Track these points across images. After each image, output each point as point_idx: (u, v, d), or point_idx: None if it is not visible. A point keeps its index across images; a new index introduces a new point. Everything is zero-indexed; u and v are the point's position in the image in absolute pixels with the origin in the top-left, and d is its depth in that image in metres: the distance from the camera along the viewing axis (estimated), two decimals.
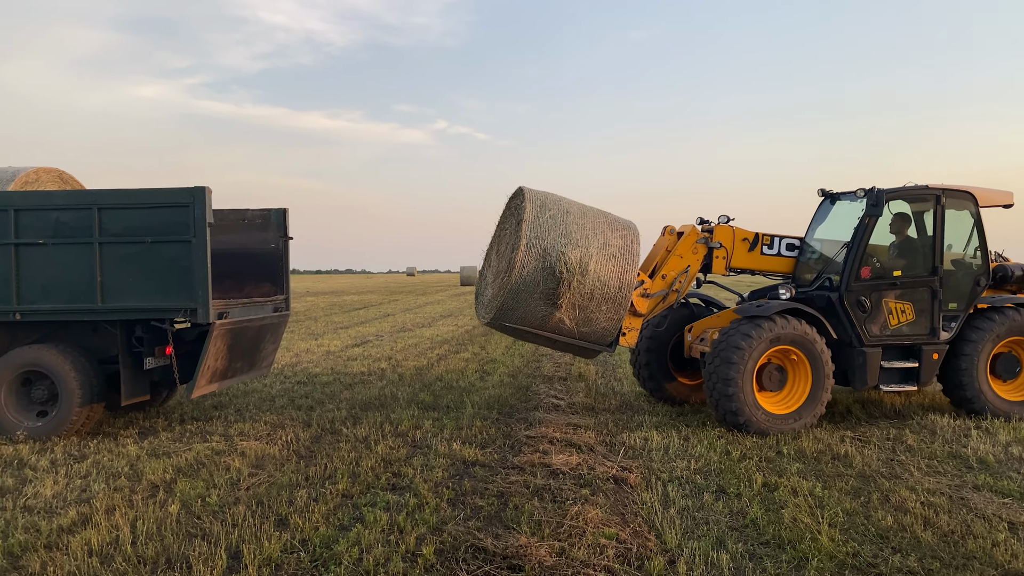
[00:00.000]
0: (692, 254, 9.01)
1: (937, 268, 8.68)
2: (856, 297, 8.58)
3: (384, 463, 7.03)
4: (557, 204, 8.05)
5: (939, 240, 8.69)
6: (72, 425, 8.17)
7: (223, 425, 8.81)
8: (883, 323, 8.64)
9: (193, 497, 5.99)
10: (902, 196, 8.77)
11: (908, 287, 8.69)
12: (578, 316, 7.88)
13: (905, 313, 8.68)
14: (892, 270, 8.74)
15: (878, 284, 8.64)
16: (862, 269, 8.59)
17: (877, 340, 8.64)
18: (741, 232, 9.19)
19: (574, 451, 7.42)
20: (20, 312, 8.18)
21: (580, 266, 7.66)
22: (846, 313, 8.59)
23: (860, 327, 8.59)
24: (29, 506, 5.83)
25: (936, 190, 8.72)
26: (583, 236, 7.84)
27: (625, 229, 8.15)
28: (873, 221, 8.59)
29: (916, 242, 8.94)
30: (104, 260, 8.09)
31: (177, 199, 8.01)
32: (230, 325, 8.51)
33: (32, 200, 8.19)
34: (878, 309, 8.62)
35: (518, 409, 9.60)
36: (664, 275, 8.94)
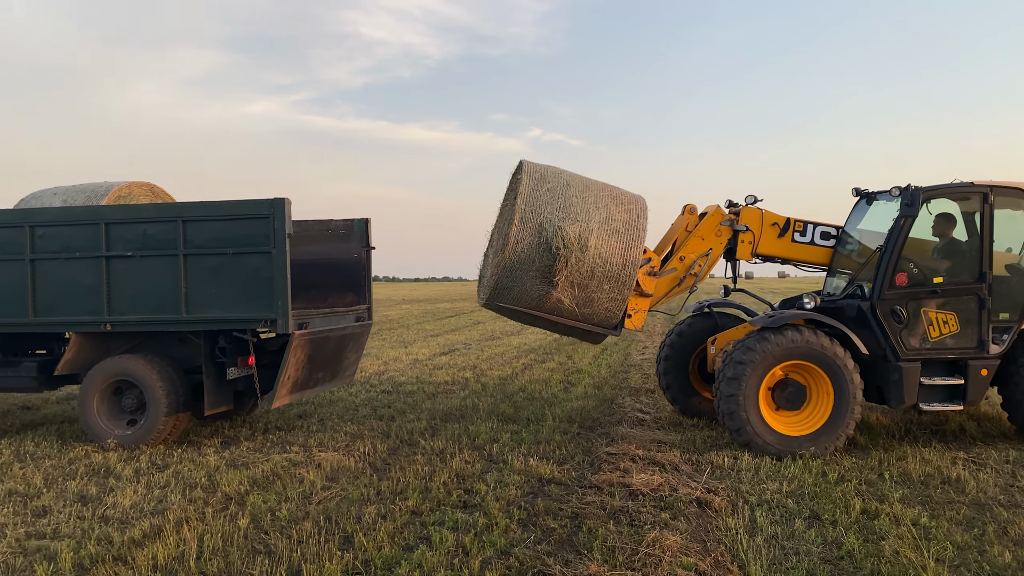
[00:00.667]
0: (715, 236, 8.42)
1: (985, 274, 7.75)
2: (890, 306, 7.77)
3: (457, 478, 6.84)
4: (557, 177, 7.68)
5: (987, 243, 7.77)
6: (159, 434, 8.32)
7: (304, 435, 8.83)
8: (922, 335, 7.80)
9: (264, 511, 5.93)
10: (942, 194, 7.89)
11: (951, 295, 7.82)
12: (578, 296, 7.48)
13: (948, 324, 7.80)
14: (932, 276, 7.90)
15: (916, 292, 7.81)
16: (897, 275, 7.79)
17: (915, 354, 7.80)
18: (771, 216, 8.51)
19: (656, 470, 7.04)
20: (111, 323, 8.40)
21: (579, 242, 7.27)
22: (879, 324, 7.78)
23: (895, 339, 7.78)
24: (106, 516, 5.89)
25: (983, 187, 7.78)
26: (583, 210, 7.44)
27: (631, 203, 7.67)
28: (909, 223, 7.74)
29: (961, 245, 8.07)
30: (188, 271, 8.21)
31: (257, 211, 8.06)
32: (310, 335, 8.52)
33: (121, 213, 8.40)
34: (916, 320, 7.79)
35: (600, 423, 9.27)
36: (682, 257, 8.35)
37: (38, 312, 8.52)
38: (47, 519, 5.87)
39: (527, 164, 7.73)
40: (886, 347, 7.81)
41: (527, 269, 7.37)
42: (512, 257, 7.37)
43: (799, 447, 7.46)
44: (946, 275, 7.90)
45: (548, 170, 7.76)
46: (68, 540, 5.33)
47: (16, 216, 8.57)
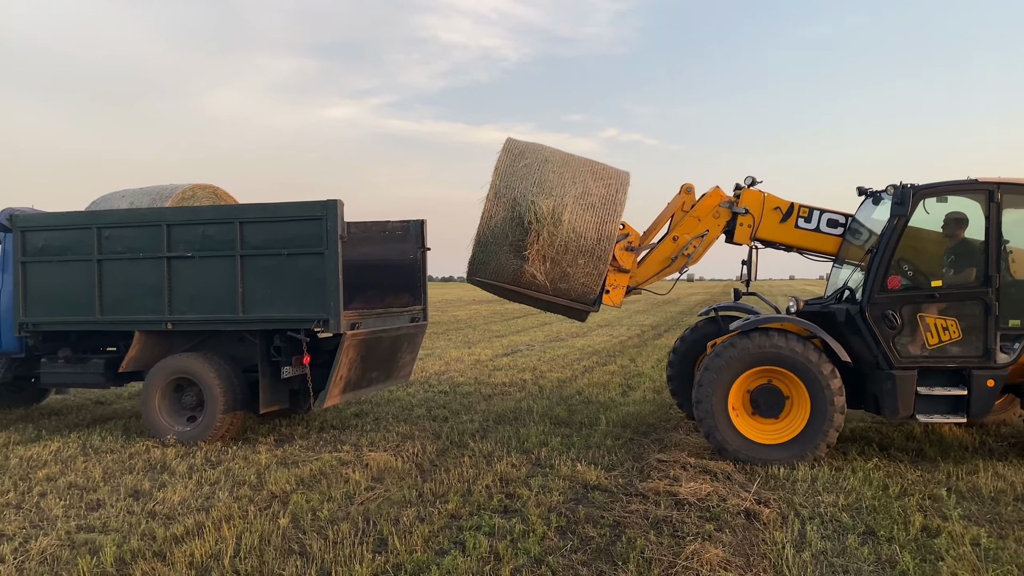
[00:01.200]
0: (713, 218, 8.06)
1: (991, 277, 7.18)
2: (881, 311, 7.32)
3: (501, 482, 6.76)
4: (536, 153, 7.68)
5: (993, 244, 7.18)
6: (217, 431, 8.50)
7: (356, 434, 8.89)
8: (919, 342, 7.32)
9: (305, 511, 5.97)
10: (939, 193, 7.35)
11: (951, 300, 7.31)
12: (552, 270, 7.48)
13: (948, 331, 7.27)
14: (929, 280, 7.42)
15: (911, 296, 7.34)
16: (889, 278, 7.34)
17: (911, 362, 7.32)
18: (774, 199, 8.09)
19: (707, 479, 6.82)
20: (171, 322, 8.63)
21: (552, 216, 7.26)
22: (869, 329, 7.35)
23: (888, 346, 7.32)
24: (154, 511, 6.03)
25: (988, 184, 7.21)
26: (559, 185, 7.43)
27: (611, 178, 7.57)
28: (901, 223, 7.29)
29: (970, 247, 7.50)
30: (245, 272, 8.37)
31: (311, 212, 8.16)
32: (363, 335, 8.58)
33: (182, 215, 8.62)
34: (912, 325, 7.31)
35: (656, 428, 9.06)
36: (676, 237, 8.04)
37: (104, 311, 8.82)
38: (99, 513, 6.04)
39: (509, 141, 7.78)
40: (878, 354, 7.38)
41: (501, 243, 7.42)
42: (486, 231, 7.46)
43: (769, 456, 7.25)
44: (948, 278, 7.44)
45: (529, 147, 7.79)
46: (114, 534, 5.46)
47: (84, 218, 8.90)
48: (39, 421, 10.01)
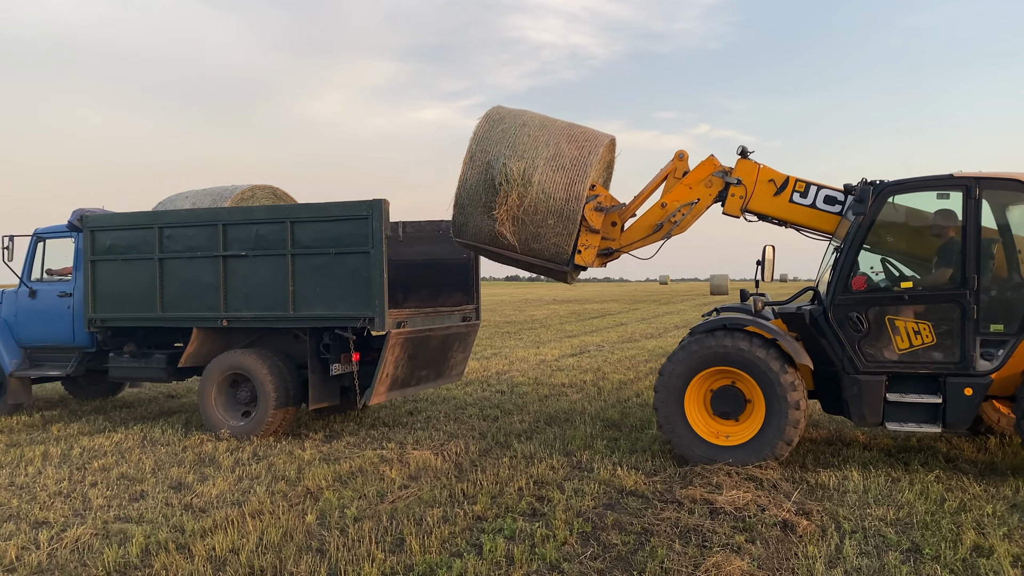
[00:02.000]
0: (705, 187, 7.82)
1: (969, 279, 6.68)
2: (845, 313, 6.98)
3: (536, 484, 6.65)
4: (516, 118, 7.91)
5: (972, 243, 6.69)
6: (269, 426, 8.67)
7: (404, 432, 8.93)
8: (888, 346, 6.92)
9: (335, 507, 6.01)
10: (910, 189, 6.95)
11: (924, 302, 6.90)
12: (524, 231, 7.72)
13: (921, 335, 6.83)
14: (899, 281, 7.06)
15: (878, 298, 6.99)
16: (853, 279, 6.99)
17: (879, 367, 6.93)
18: (769, 171, 7.72)
19: (751, 487, 6.54)
20: (227, 319, 8.85)
21: (523, 177, 7.49)
22: (833, 332, 7.03)
23: (853, 350, 6.97)
24: (191, 504, 6.17)
25: (965, 179, 6.73)
26: (532, 147, 7.64)
27: (586, 141, 7.71)
28: (863, 221, 6.91)
29: (944, 246, 7.05)
30: (296, 270, 8.52)
31: (357, 212, 8.24)
32: (409, 334, 8.61)
33: (237, 215, 8.84)
34: (880, 329, 6.92)
35: None
36: (664, 203, 7.86)
37: (165, 308, 9.13)
38: (139, 504, 6.22)
39: (492, 109, 8.09)
40: (843, 358, 7.04)
41: (476, 205, 7.69)
42: (462, 194, 7.80)
43: (735, 458, 7.05)
44: (921, 279, 7.11)
45: (510, 113, 8.01)
46: (147, 526, 5.61)
47: (147, 218, 9.23)
48: (110, 413, 10.45)
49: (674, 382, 7.26)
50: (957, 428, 6.94)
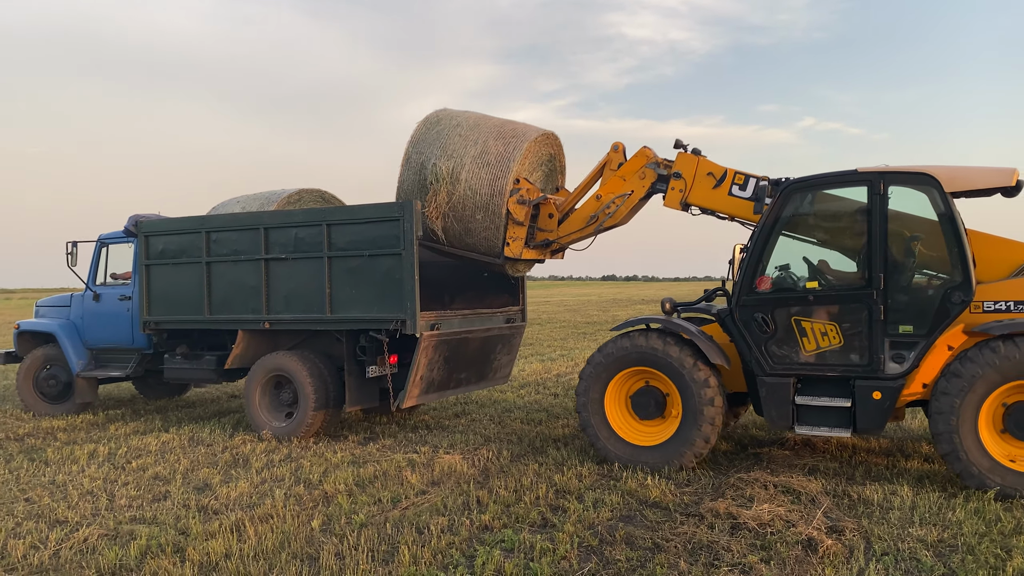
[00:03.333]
0: (638, 179, 7.91)
1: (874, 278, 6.45)
2: (751, 313, 6.90)
3: (556, 493, 6.41)
4: (450, 119, 8.39)
5: (878, 240, 6.48)
6: (309, 427, 8.71)
7: (442, 435, 8.83)
8: (795, 348, 6.80)
9: (344, 513, 5.93)
10: (814, 186, 6.80)
11: (829, 303, 6.75)
12: (456, 226, 8.23)
13: (828, 336, 6.67)
14: (804, 280, 6.92)
15: (783, 298, 6.88)
16: (758, 280, 6.89)
17: (786, 369, 6.83)
18: (708, 164, 7.65)
19: (785, 501, 6.12)
20: (269, 321, 8.95)
21: (451, 176, 8.00)
22: (740, 333, 6.99)
23: (759, 351, 6.89)
24: (206, 506, 6.21)
25: (869, 175, 6.53)
26: (462, 147, 8.10)
27: (513, 137, 8.09)
28: (769, 220, 6.82)
29: (850, 245, 6.95)
30: (332, 273, 8.53)
31: (389, 213, 8.18)
32: (445, 336, 8.50)
33: (277, 218, 8.92)
34: (787, 330, 6.80)
35: (761, 442, 8.33)
36: (599, 196, 8.00)
37: (212, 311, 9.30)
38: (158, 504, 6.31)
39: (433, 112, 8.63)
40: (751, 359, 6.98)
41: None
42: (400, 195, 8.43)
43: (642, 458, 7.10)
44: (826, 279, 6.97)
45: (446, 114, 8.48)
46: (155, 527, 5.67)
47: (195, 223, 9.43)
48: (170, 413, 10.76)
49: (594, 384, 7.32)
50: (870, 433, 6.93)
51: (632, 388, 7.37)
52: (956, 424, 6.16)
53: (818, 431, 6.73)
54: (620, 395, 7.38)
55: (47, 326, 10.82)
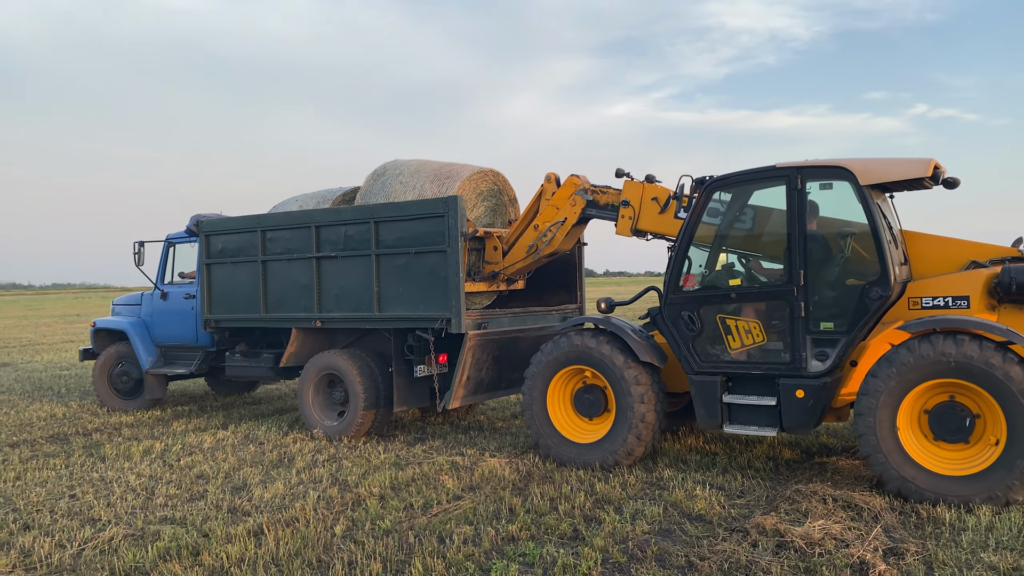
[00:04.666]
0: (570, 206, 8.02)
1: (795, 275, 6.40)
2: (678, 311, 6.92)
3: (596, 502, 6.08)
4: (395, 169, 9.03)
5: (797, 236, 6.42)
6: (359, 427, 8.63)
7: (494, 437, 8.60)
8: (720, 346, 6.80)
9: (371, 518, 5.76)
10: (733, 183, 6.78)
11: (751, 300, 6.72)
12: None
13: (752, 334, 6.65)
14: (727, 278, 6.95)
15: (707, 296, 6.86)
16: (684, 278, 6.94)
17: (714, 367, 6.82)
18: (653, 189, 7.61)
19: (844, 517, 5.60)
20: (320, 320, 8.91)
21: None
22: (669, 332, 7.02)
23: (688, 350, 6.91)
24: (237, 507, 6.16)
25: (787, 169, 6.51)
26: (402, 193, 8.76)
27: (447, 178, 8.59)
28: (692, 218, 6.88)
29: (771, 241, 6.93)
30: (380, 271, 8.41)
31: (434, 210, 8.01)
32: (493, 335, 8.26)
33: (327, 217, 8.86)
34: (713, 328, 6.80)
35: (831, 450, 7.76)
36: (536, 225, 8.18)
37: (268, 309, 9.34)
38: (192, 504, 6.29)
39: (380, 165, 9.34)
40: (681, 357, 6.97)
41: None
42: None
43: (580, 457, 7.12)
44: (748, 276, 6.98)
45: (392, 164, 9.18)
46: (179, 528, 5.63)
47: (252, 221, 9.49)
48: (233, 410, 10.91)
49: (537, 382, 7.37)
50: (796, 432, 6.94)
51: (576, 386, 7.40)
52: (874, 425, 5.97)
53: (747, 430, 6.71)
54: (564, 394, 7.43)
55: (119, 324, 11.13)
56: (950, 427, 5.93)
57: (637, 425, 6.90)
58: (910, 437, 6.03)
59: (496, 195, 9.21)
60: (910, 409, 6.03)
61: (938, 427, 5.97)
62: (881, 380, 5.99)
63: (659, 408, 7.06)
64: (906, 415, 6.02)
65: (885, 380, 5.97)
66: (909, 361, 5.90)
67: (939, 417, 5.96)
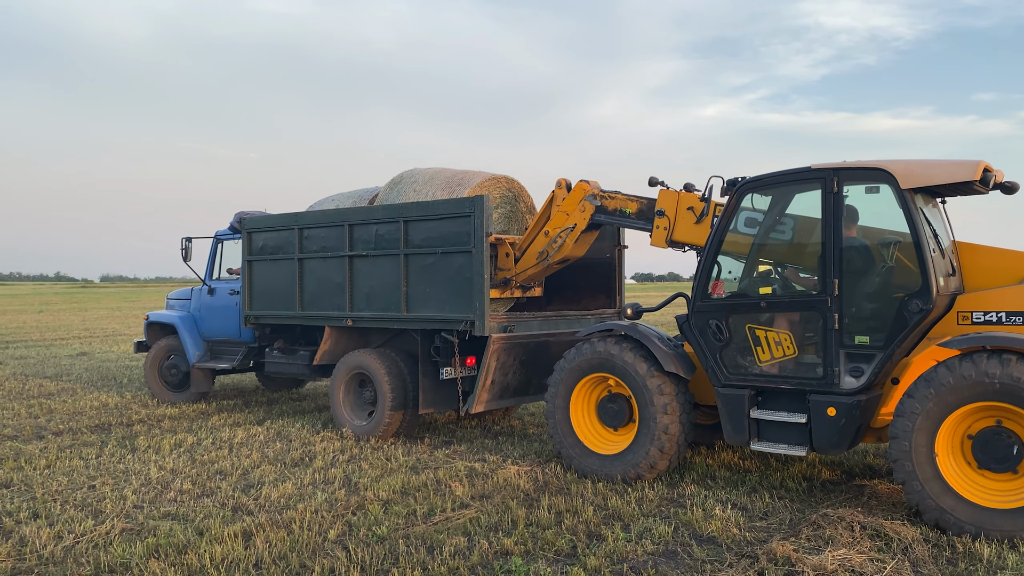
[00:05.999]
0: (579, 212, 7.82)
1: (828, 284, 5.91)
2: (706, 320, 6.52)
3: (606, 518, 5.80)
4: (410, 177, 9.02)
5: (832, 243, 5.95)
6: (387, 428, 8.53)
7: (523, 443, 8.39)
8: (749, 358, 6.38)
9: (367, 524, 5.64)
10: (766, 185, 6.36)
11: (782, 309, 6.28)
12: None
13: (782, 346, 6.21)
14: (758, 286, 6.48)
15: (736, 304, 6.45)
16: (712, 284, 6.56)
17: (742, 379, 6.39)
18: (688, 198, 7.22)
19: (869, 547, 5.18)
20: (352, 319, 8.86)
21: None
22: (696, 341, 6.63)
23: (716, 361, 6.51)
24: (240, 506, 6.12)
25: (822, 171, 6.03)
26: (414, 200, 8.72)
27: (457, 185, 8.52)
28: (723, 222, 6.49)
29: (806, 247, 6.52)
30: (408, 271, 8.31)
31: (460, 209, 7.86)
32: (519, 339, 8.05)
33: (359, 215, 8.81)
34: (741, 338, 6.39)
35: (875, 471, 7.25)
36: (547, 231, 8.02)
37: (304, 307, 9.35)
38: (200, 500, 6.29)
39: (398, 174, 9.37)
40: (708, 368, 6.59)
41: None
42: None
43: (602, 469, 6.85)
44: (780, 284, 6.55)
45: (409, 174, 9.15)
46: (177, 525, 5.61)
47: (289, 219, 9.53)
48: (275, 406, 11.00)
49: (560, 390, 7.14)
50: (828, 452, 6.42)
51: (600, 395, 7.14)
52: (910, 450, 5.50)
53: (776, 448, 6.29)
54: (588, 402, 7.16)
55: (169, 317, 11.37)
56: (996, 455, 5.39)
57: (660, 437, 6.59)
58: (950, 464, 5.52)
59: (511, 202, 9.04)
60: (950, 434, 5.52)
61: (982, 455, 5.44)
62: (918, 401, 5.50)
63: (684, 420, 6.72)
64: (946, 440, 5.52)
65: (922, 401, 5.48)
66: (948, 381, 5.39)
67: (984, 444, 5.43)
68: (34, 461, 7.56)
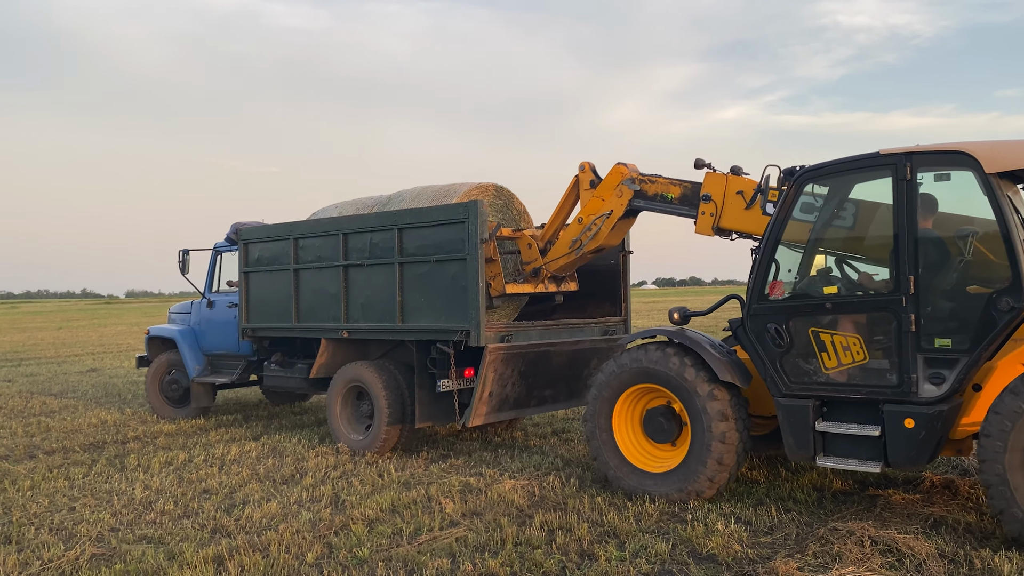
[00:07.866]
0: (616, 197, 7.32)
1: (903, 281, 5.31)
2: (763, 324, 5.94)
3: (600, 535, 5.50)
4: (399, 196, 9.12)
5: (906, 236, 5.34)
6: (383, 443, 8.28)
7: (522, 456, 8.09)
8: (813, 364, 5.79)
9: (349, 546, 5.37)
10: (828, 173, 5.78)
11: (851, 311, 5.68)
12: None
13: (851, 351, 5.60)
14: (822, 285, 5.88)
15: (798, 306, 5.87)
16: (770, 285, 5.96)
17: (805, 389, 5.81)
18: (737, 182, 6.67)
19: (880, 564, 4.84)
20: (347, 330, 8.63)
21: None
22: (752, 347, 6.05)
23: (774, 368, 5.92)
24: (220, 527, 5.88)
25: (894, 156, 5.39)
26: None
27: (444, 196, 8.51)
28: (781, 215, 5.89)
29: (876, 241, 5.89)
30: (403, 280, 8.08)
31: (454, 215, 7.62)
32: (518, 349, 7.77)
33: (354, 224, 8.59)
34: (804, 343, 5.80)
35: (893, 481, 6.89)
36: (581, 218, 7.54)
37: (300, 318, 9.14)
38: (179, 522, 6.06)
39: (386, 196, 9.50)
40: (766, 376, 6.01)
41: None
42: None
43: (650, 486, 6.33)
44: (848, 283, 5.97)
45: (396, 195, 9.28)
46: (150, 548, 5.38)
47: (284, 229, 9.33)
48: (275, 420, 10.79)
49: (600, 407, 6.65)
50: (904, 467, 6.00)
51: (647, 406, 6.62)
52: (1004, 473, 4.89)
53: (846, 464, 5.70)
54: (632, 417, 6.65)
55: (169, 331, 11.21)
56: None
57: (717, 447, 6.02)
58: None
59: (501, 209, 8.73)
60: None
61: None
62: (1007, 418, 4.91)
63: (741, 427, 6.14)
64: None
65: (1012, 418, 4.90)
66: None
67: None
68: (19, 482, 7.38)
